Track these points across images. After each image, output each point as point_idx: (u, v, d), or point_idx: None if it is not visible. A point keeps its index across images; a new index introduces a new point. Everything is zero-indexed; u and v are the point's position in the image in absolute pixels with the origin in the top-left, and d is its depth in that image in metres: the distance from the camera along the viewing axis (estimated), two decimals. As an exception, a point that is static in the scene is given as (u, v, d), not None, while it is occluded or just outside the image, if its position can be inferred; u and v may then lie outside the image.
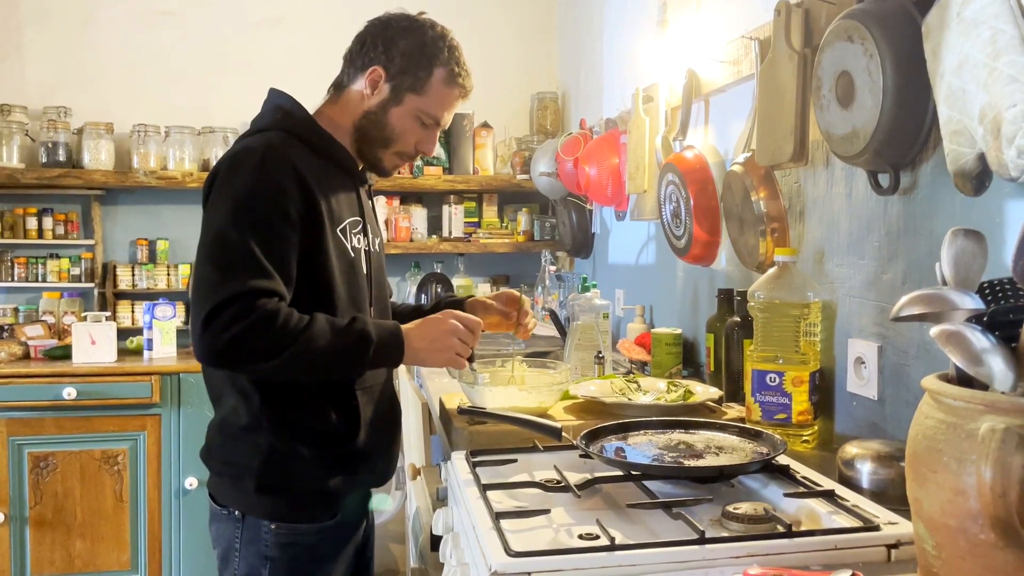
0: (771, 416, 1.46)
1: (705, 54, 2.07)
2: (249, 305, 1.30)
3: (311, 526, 1.45)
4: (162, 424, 3.08)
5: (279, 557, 1.43)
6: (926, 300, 0.86)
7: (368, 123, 1.51)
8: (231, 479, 1.46)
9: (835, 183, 1.53)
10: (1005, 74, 0.96)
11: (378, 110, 1.50)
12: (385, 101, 1.49)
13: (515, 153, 3.65)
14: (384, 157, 1.54)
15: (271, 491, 1.43)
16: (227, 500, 1.47)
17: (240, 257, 1.33)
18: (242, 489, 1.44)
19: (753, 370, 1.48)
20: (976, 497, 0.77)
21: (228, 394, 1.46)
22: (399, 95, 1.49)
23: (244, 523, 1.45)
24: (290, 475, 1.44)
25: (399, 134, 1.51)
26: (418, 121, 1.51)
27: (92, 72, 3.48)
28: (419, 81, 1.49)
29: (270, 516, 1.43)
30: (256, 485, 1.43)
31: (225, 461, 1.48)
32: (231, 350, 1.31)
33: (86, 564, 3.03)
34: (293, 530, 1.44)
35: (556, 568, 0.93)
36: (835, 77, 1.35)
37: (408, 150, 1.54)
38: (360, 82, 1.50)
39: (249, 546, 1.44)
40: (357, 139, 1.52)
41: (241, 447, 1.45)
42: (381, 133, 1.51)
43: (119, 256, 3.55)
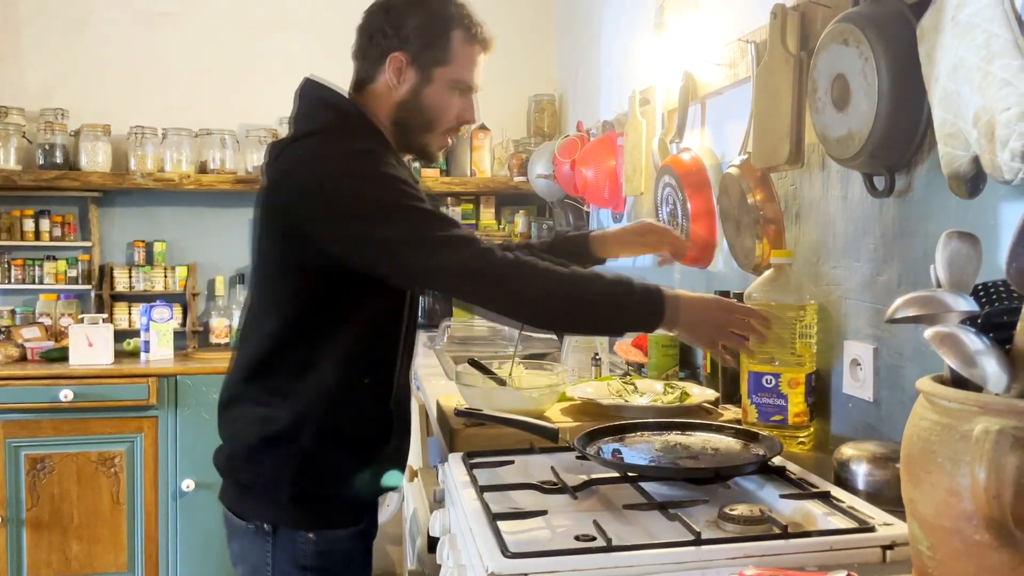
0: (767, 418, 1.46)
1: (702, 57, 2.08)
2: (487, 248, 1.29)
3: (346, 531, 1.42)
4: (159, 426, 3.08)
5: (317, 566, 1.39)
6: (921, 302, 0.87)
7: (406, 113, 1.43)
8: (262, 490, 1.40)
9: (831, 185, 1.54)
10: (999, 78, 0.97)
11: (411, 96, 1.42)
12: (415, 85, 1.41)
13: (512, 155, 3.66)
14: (431, 141, 1.47)
15: (307, 500, 1.38)
16: (254, 514, 1.40)
17: (428, 213, 1.31)
18: (275, 500, 1.38)
19: (749, 372, 1.48)
20: (970, 498, 0.78)
21: (256, 400, 1.40)
22: (428, 73, 1.41)
23: (276, 536, 1.38)
24: (326, 482, 1.39)
25: (439, 112, 1.44)
26: (453, 92, 1.43)
27: (90, 74, 3.48)
28: (442, 51, 1.41)
29: (307, 526, 1.38)
30: (291, 495, 1.37)
31: (255, 472, 1.40)
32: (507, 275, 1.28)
33: (83, 566, 3.03)
34: (330, 537, 1.40)
35: (553, 569, 0.93)
36: (831, 80, 1.35)
37: (452, 125, 1.46)
38: (382, 74, 1.42)
39: (283, 559, 1.38)
40: (398, 132, 1.45)
41: (275, 456, 1.38)
42: (422, 119, 1.43)
43: (116, 258, 3.55)
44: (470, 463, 1.33)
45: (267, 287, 1.44)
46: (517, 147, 3.70)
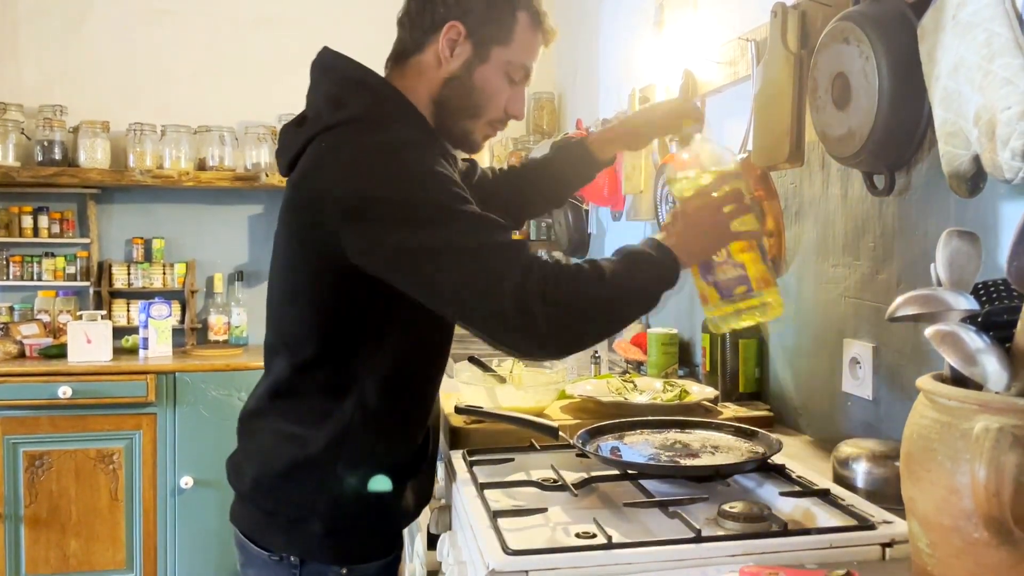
0: (730, 293, 1.30)
1: (701, 55, 2.08)
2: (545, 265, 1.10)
3: (379, 563, 1.30)
4: (158, 423, 3.08)
5: None
6: (921, 301, 0.87)
7: (451, 92, 1.26)
8: (290, 521, 1.25)
9: (831, 184, 1.54)
10: (1000, 76, 0.97)
11: (462, 73, 1.26)
12: (469, 61, 1.25)
13: (512, 153, 3.65)
14: (475, 129, 1.30)
15: (341, 534, 1.24)
16: (278, 544, 1.26)
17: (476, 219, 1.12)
18: (304, 532, 1.24)
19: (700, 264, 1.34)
20: (970, 496, 0.78)
21: (286, 417, 1.26)
22: (485, 50, 1.25)
23: (303, 569, 1.25)
24: (362, 514, 1.26)
25: (489, 97, 1.28)
26: (507, 78, 1.28)
27: (88, 70, 3.48)
28: (504, 29, 1.26)
29: (340, 560, 1.25)
30: (325, 528, 1.23)
31: (282, 500, 1.25)
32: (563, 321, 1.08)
33: (81, 563, 3.03)
34: (365, 571, 1.28)
35: (553, 566, 0.93)
36: (831, 79, 1.35)
37: (499, 115, 1.30)
38: (433, 44, 1.25)
39: None
40: (439, 113, 1.28)
41: (308, 483, 1.23)
42: (469, 100, 1.27)
43: (115, 255, 3.55)
44: (470, 460, 1.33)
45: (295, 296, 1.26)
46: (516, 145, 3.69)
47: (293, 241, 1.23)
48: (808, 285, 1.61)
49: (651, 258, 1.17)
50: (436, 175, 1.15)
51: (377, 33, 1.59)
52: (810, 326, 1.61)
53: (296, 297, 1.25)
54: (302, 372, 1.25)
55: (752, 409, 1.68)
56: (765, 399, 1.76)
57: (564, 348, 1.14)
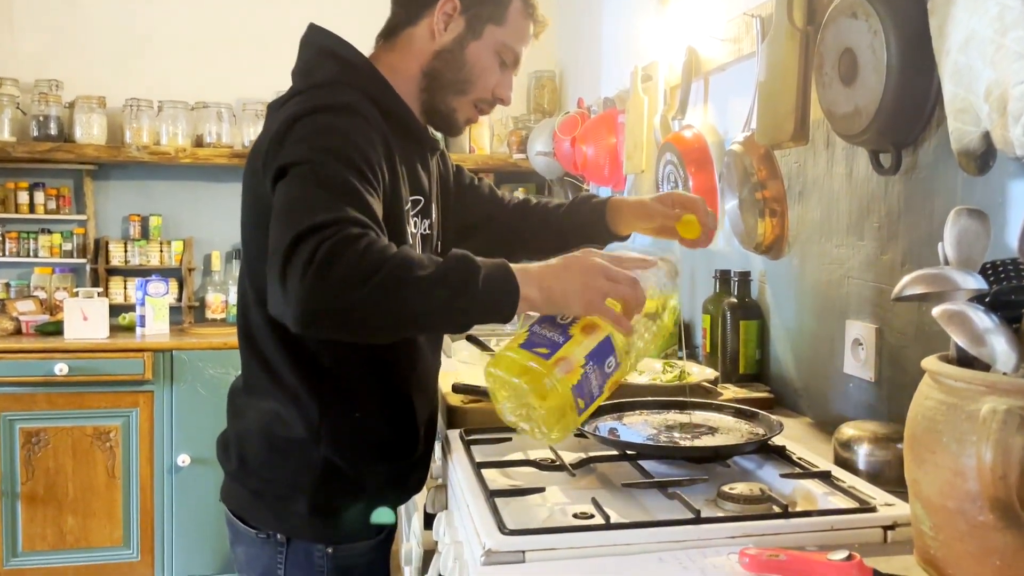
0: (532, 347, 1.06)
1: (705, 32, 2.05)
2: (341, 228, 1.00)
3: (366, 544, 1.30)
4: (154, 401, 3.07)
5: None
6: (929, 280, 0.85)
7: (442, 64, 1.27)
8: (276, 500, 1.26)
9: (835, 163, 1.52)
10: (1012, 50, 0.94)
11: (454, 46, 1.27)
12: (461, 35, 1.27)
13: (512, 132, 3.63)
14: (459, 106, 1.30)
15: (327, 512, 1.24)
16: (265, 523, 1.27)
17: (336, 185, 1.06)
18: (290, 511, 1.25)
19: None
20: (975, 478, 0.76)
21: (269, 395, 1.25)
22: (478, 27, 1.27)
23: (289, 547, 1.25)
24: (348, 493, 1.26)
25: (478, 74, 1.28)
26: (498, 59, 1.29)
27: (84, 45, 3.44)
28: (499, 9, 1.27)
29: (325, 539, 1.25)
30: (310, 507, 1.23)
31: (267, 479, 1.26)
32: (316, 280, 0.96)
33: (78, 540, 3.03)
34: (351, 551, 1.28)
35: (550, 546, 0.92)
36: (838, 55, 1.33)
37: (486, 96, 1.31)
38: (427, 17, 1.27)
39: (298, 572, 1.26)
40: (426, 87, 1.29)
41: (291, 463, 1.24)
42: (458, 75, 1.28)
43: (111, 232, 3.52)
44: (467, 440, 1.32)
45: (252, 269, 1.25)
46: (517, 124, 3.66)
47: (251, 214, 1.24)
48: (811, 266, 1.60)
49: (474, 272, 1.01)
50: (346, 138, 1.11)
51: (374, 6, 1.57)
52: (812, 307, 1.60)
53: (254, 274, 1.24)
54: (279, 350, 1.23)
55: (753, 391, 1.67)
56: (766, 380, 1.75)
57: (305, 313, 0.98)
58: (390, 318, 1.01)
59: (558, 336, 1.05)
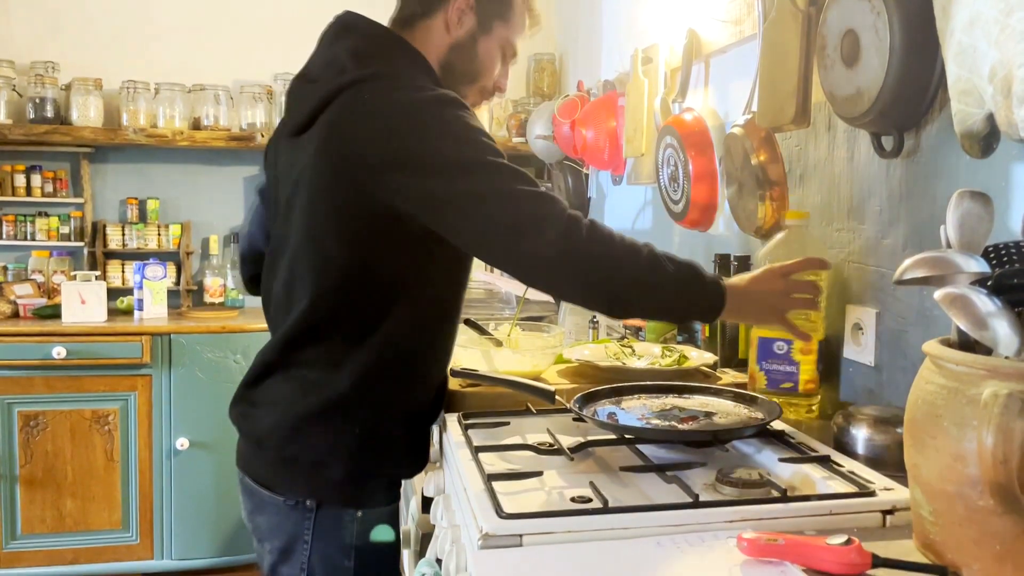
0: (776, 385, 1.43)
1: (706, 13, 2.03)
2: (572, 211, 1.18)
3: (388, 509, 1.37)
4: (153, 385, 3.06)
5: (365, 544, 1.32)
6: (931, 263, 0.84)
7: (456, 56, 1.37)
8: (310, 465, 1.30)
9: (837, 146, 1.50)
10: (1018, 31, 0.93)
11: (467, 40, 1.37)
12: (473, 30, 1.37)
13: (511, 116, 3.61)
14: (468, 95, 1.40)
15: (360, 477, 1.31)
16: (294, 489, 1.31)
17: (512, 169, 1.21)
18: (323, 477, 1.30)
19: (759, 338, 1.45)
20: (976, 463, 0.76)
21: (307, 365, 1.31)
22: (488, 23, 1.38)
23: (318, 513, 1.30)
24: (381, 458, 1.32)
25: (486, 66, 1.40)
26: (501, 53, 1.41)
27: (80, 26, 3.41)
28: (505, 7, 1.39)
29: (356, 503, 1.31)
30: (345, 472, 1.29)
31: (304, 445, 1.30)
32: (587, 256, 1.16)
33: (77, 523, 3.04)
34: (375, 514, 1.34)
35: (548, 530, 0.92)
36: (840, 36, 1.31)
37: (490, 85, 1.43)
38: (442, 12, 1.36)
39: (325, 537, 1.31)
40: (442, 76, 1.37)
41: (330, 428, 1.29)
42: (470, 66, 1.39)
43: (109, 215, 3.51)
44: (465, 424, 1.31)
45: (317, 243, 1.29)
46: (516, 107, 3.64)
47: (318, 190, 1.27)
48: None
49: (701, 278, 1.23)
50: (473, 129, 1.23)
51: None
52: (812, 291, 1.59)
53: (317, 242, 1.29)
54: (325, 319, 1.29)
55: (751, 375, 1.66)
56: (765, 365, 1.74)
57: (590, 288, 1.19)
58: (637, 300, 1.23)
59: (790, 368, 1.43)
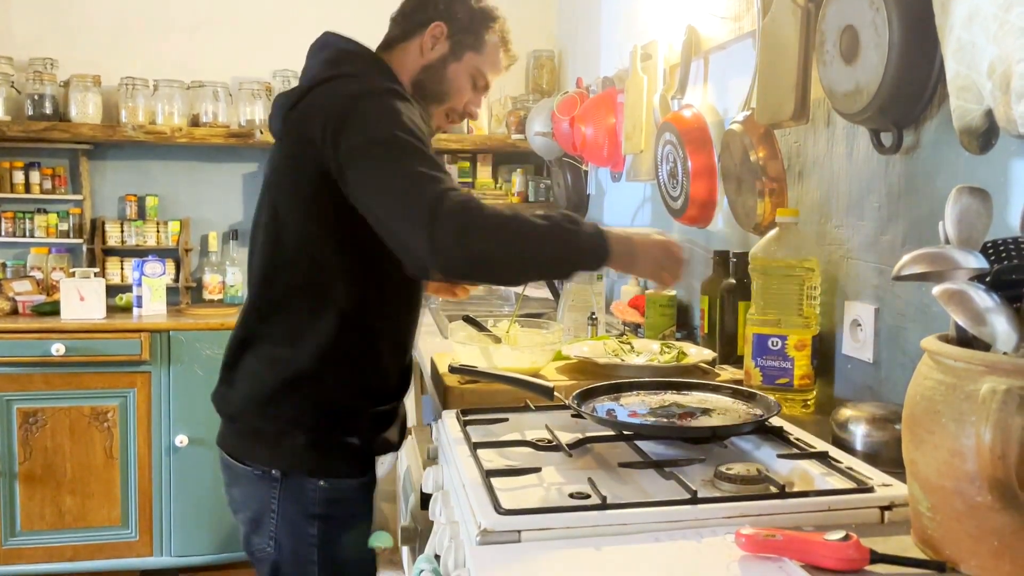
0: (772, 381, 1.44)
1: (705, 10, 2.02)
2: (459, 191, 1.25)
3: (354, 482, 1.44)
4: (152, 381, 3.06)
5: (326, 515, 1.40)
6: (929, 259, 0.84)
7: (426, 77, 1.52)
8: (275, 436, 1.40)
9: (836, 142, 1.50)
10: (1016, 26, 0.93)
11: (438, 64, 1.52)
12: (445, 56, 1.52)
13: (510, 112, 3.60)
14: (435, 115, 1.55)
15: (322, 447, 1.40)
16: (262, 459, 1.41)
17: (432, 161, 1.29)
18: (288, 446, 1.39)
19: (754, 334, 1.46)
20: (974, 459, 0.76)
21: (274, 341, 1.41)
22: (459, 51, 1.52)
23: (284, 482, 1.39)
24: (344, 430, 1.41)
25: (455, 91, 1.54)
26: (472, 80, 1.55)
27: (79, 23, 3.40)
28: (478, 40, 1.53)
29: (317, 473, 1.39)
30: (307, 441, 1.39)
31: (269, 417, 1.41)
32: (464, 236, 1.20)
33: (76, 520, 3.04)
34: (340, 485, 1.42)
35: (546, 526, 0.92)
36: (839, 32, 1.31)
37: (458, 108, 1.57)
38: (419, 37, 1.52)
39: (291, 506, 1.39)
40: (412, 93, 1.50)
41: (295, 399, 1.39)
42: (439, 87, 1.53)
43: (108, 212, 3.50)
44: (464, 420, 1.31)
45: (275, 218, 1.41)
46: (515, 104, 3.64)
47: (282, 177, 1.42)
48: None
49: (577, 226, 1.29)
50: (411, 120, 1.32)
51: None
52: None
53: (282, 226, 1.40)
54: (281, 293, 1.40)
55: (750, 371, 1.66)
56: (763, 362, 1.74)
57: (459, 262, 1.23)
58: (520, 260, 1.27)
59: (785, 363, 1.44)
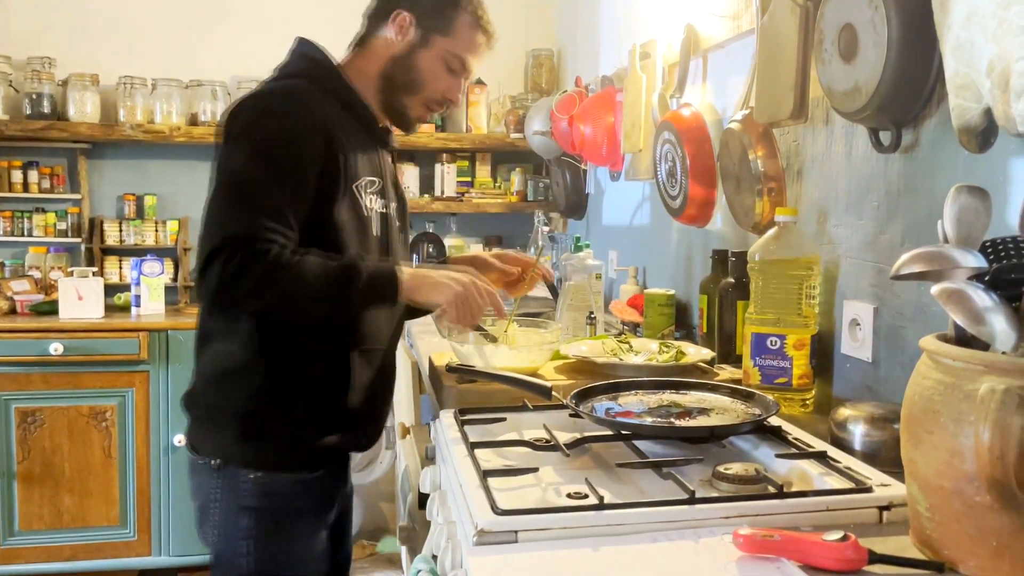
0: (771, 380, 1.43)
1: (704, 8, 2.02)
2: (249, 243, 1.26)
3: (291, 476, 1.42)
4: (150, 381, 3.06)
5: (259, 508, 1.39)
6: (927, 258, 0.84)
7: (396, 67, 1.48)
8: (214, 425, 1.42)
9: (835, 141, 1.50)
10: (1015, 24, 0.93)
11: (406, 53, 1.48)
12: (413, 44, 1.48)
13: (509, 111, 3.60)
14: (411, 105, 1.51)
15: (254, 438, 1.39)
16: (207, 449, 1.43)
17: (254, 194, 1.30)
18: (224, 436, 1.41)
19: (752, 333, 1.45)
20: (973, 459, 0.76)
21: (223, 336, 1.42)
22: (427, 37, 1.48)
23: (222, 472, 1.40)
24: (276, 423, 1.40)
25: (427, 78, 1.49)
26: (445, 65, 1.49)
27: (77, 22, 3.40)
28: (446, 22, 1.48)
29: (251, 464, 1.39)
30: (240, 431, 1.39)
31: (210, 405, 1.43)
32: (225, 288, 1.26)
33: (74, 519, 3.04)
34: (273, 479, 1.40)
35: (543, 527, 0.91)
36: (838, 30, 1.31)
37: (436, 96, 1.51)
38: (385, 29, 1.49)
39: (228, 497, 1.40)
40: (384, 87, 1.49)
41: (230, 391, 1.41)
42: (409, 77, 1.48)
43: (106, 211, 3.50)
44: (461, 420, 1.31)
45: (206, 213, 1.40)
46: (514, 103, 3.63)
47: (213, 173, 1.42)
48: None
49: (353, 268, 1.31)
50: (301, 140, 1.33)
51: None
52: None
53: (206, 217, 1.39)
54: None
55: (749, 371, 1.66)
56: (762, 361, 1.74)
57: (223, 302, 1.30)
58: (286, 319, 1.36)
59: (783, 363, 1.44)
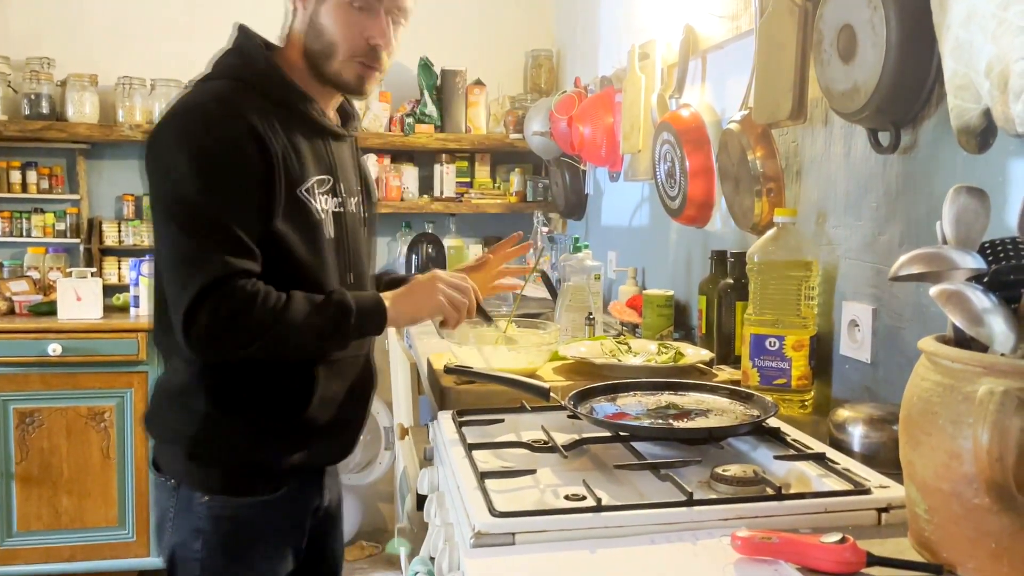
0: (770, 381, 1.43)
1: (703, 9, 2.02)
2: (229, 291, 1.22)
3: (247, 500, 1.35)
4: (148, 382, 3.06)
5: (212, 531, 1.33)
6: (926, 259, 0.84)
7: (309, 40, 1.37)
8: (167, 445, 1.37)
9: (833, 142, 1.50)
10: (1015, 25, 0.92)
11: (311, 21, 1.36)
12: (313, 8, 1.36)
13: (508, 112, 3.60)
14: (342, 69, 1.36)
15: (204, 461, 1.34)
16: (164, 467, 1.38)
17: (213, 230, 1.23)
18: (176, 456, 1.35)
19: (751, 334, 1.45)
20: (971, 461, 0.75)
21: (173, 355, 1.36)
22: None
23: (178, 493, 1.35)
24: (224, 445, 1.33)
25: (339, 31, 1.34)
26: (348, 10, 1.34)
27: (76, 22, 3.39)
28: None
29: (202, 487, 1.34)
30: (188, 453, 1.33)
31: (163, 425, 1.38)
32: (213, 342, 1.23)
33: (73, 520, 3.03)
34: (227, 503, 1.34)
35: (541, 529, 0.91)
36: (837, 31, 1.30)
37: (360, 47, 1.35)
38: (292, 11, 1.41)
39: (182, 517, 1.35)
40: (309, 66, 1.38)
41: (177, 411, 1.35)
42: (322, 42, 1.36)
43: (105, 212, 3.50)
44: (459, 421, 1.31)
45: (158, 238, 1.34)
46: (513, 103, 3.63)
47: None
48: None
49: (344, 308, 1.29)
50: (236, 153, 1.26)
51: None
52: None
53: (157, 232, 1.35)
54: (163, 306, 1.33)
55: (748, 372, 1.66)
56: (761, 362, 1.73)
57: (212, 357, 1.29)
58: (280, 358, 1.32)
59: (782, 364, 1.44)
